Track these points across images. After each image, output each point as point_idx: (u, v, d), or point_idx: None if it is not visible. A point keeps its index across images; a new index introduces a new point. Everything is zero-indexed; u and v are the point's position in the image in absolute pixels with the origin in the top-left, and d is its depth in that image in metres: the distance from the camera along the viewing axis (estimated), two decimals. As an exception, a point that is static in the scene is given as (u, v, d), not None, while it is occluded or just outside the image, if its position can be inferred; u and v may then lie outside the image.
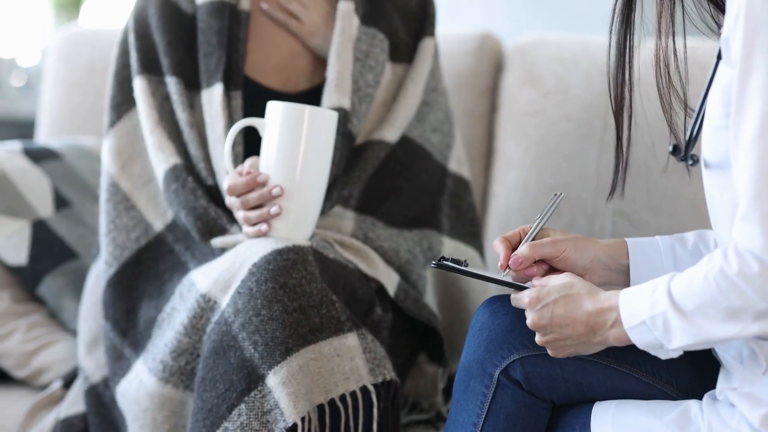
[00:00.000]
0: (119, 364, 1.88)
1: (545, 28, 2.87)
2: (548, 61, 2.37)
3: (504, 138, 2.40)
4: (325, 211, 1.88)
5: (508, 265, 1.51)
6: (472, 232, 2.06)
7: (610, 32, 1.52)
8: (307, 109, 1.76)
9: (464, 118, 2.42)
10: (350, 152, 1.92)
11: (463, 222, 2.06)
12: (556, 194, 1.61)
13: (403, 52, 2.03)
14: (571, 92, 2.32)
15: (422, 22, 2.05)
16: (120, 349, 1.88)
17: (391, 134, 1.96)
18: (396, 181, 1.98)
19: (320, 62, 1.99)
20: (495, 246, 1.55)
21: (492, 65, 2.46)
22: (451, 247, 2.00)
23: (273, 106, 1.77)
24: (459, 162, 2.08)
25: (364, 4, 1.99)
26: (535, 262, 1.53)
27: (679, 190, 2.23)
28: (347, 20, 1.95)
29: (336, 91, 1.90)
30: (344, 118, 1.89)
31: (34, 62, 4.12)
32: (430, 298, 1.95)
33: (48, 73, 2.72)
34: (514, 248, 1.53)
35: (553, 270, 1.55)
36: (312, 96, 1.93)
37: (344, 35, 1.94)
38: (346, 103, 1.90)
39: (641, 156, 2.20)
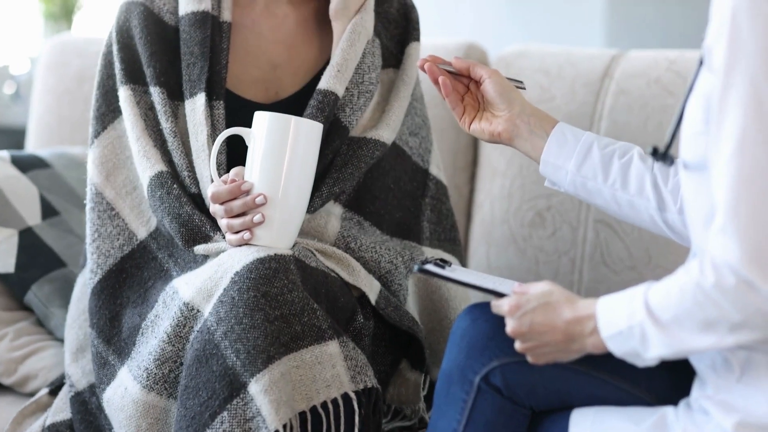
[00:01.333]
0: (105, 371, 1.89)
1: (531, 40, 2.89)
2: (532, 72, 2.39)
3: (489, 147, 2.42)
4: (316, 208, 1.89)
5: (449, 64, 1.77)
6: (451, 238, 2.08)
7: None
8: (293, 119, 1.78)
9: (449, 128, 2.43)
10: (341, 143, 1.93)
11: (443, 227, 2.07)
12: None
13: (387, 57, 2.04)
14: (554, 103, 2.34)
15: (405, 29, 2.06)
16: (105, 357, 1.89)
17: (387, 134, 1.97)
18: (384, 182, 1.99)
19: (301, 71, 2.00)
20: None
21: (477, 75, 2.48)
22: (433, 256, 2.01)
23: (259, 116, 1.79)
24: (438, 167, 2.10)
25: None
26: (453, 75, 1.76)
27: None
28: (368, 15, 1.97)
29: (336, 76, 1.91)
30: (333, 104, 1.90)
31: (25, 71, 4.14)
32: (412, 306, 1.96)
33: (37, 82, 2.73)
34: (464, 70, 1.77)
35: (472, 95, 1.76)
36: (289, 105, 1.95)
37: (363, 26, 1.96)
38: (339, 90, 1.91)
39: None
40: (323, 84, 1.91)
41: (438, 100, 2.36)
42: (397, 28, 2.06)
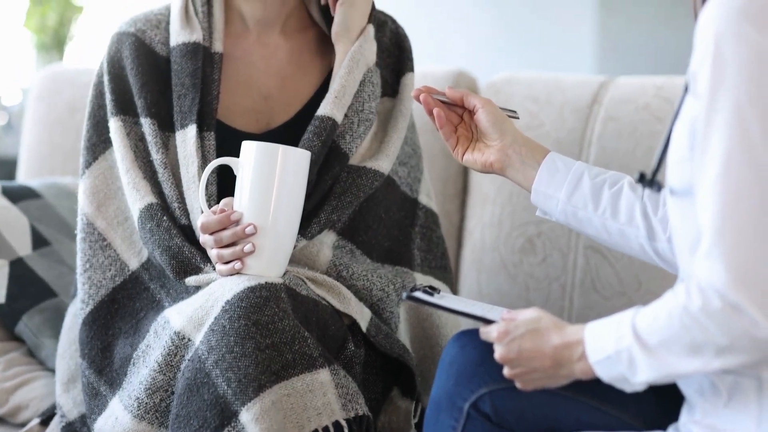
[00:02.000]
0: (96, 401, 1.89)
1: (523, 67, 2.91)
2: (521, 99, 2.40)
3: (479, 175, 2.43)
4: (313, 235, 1.90)
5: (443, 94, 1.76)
6: (442, 266, 2.09)
7: None
8: (281, 148, 1.78)
9: (440, 155, 2.44)
10: (340, 169, 1.94)
11: (433, 254, 2.08)
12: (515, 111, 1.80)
13: (383, 86, 2.05)
14: (543, 129, 2.35)
15: (399, 58, 2.07)
16: (96, 387, 1.89)
17: (386, 165, 1.98)
18: (377, 211, 2.00)
19: (292, 102, 2.01)
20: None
21: (467, 103, 2.48)
22: (423, 282, 2.02)
23: (247, 146, 1.80)
24: (428, 195, 2.11)
25: None
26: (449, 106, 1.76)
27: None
28: (369, 44, 1.98)
29: (334, 103, 1.92)
30: (331, 130, 1.91)
31: (17, 102, 4.15)
32: (403, 334, 1.96)
33: (29, 113, 2.73)
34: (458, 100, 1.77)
35: (464, 124, 1.76)
36: (279, 134, 1.96)
37: (362, 54, 1.97)
38: (338, 117, 1.92)
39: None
40: (321, 110, 1.92)
41: (428, 127, 2.37)
42: (390, 57, 2.07)
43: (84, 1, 4.33)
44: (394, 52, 2.08)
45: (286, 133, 1.96)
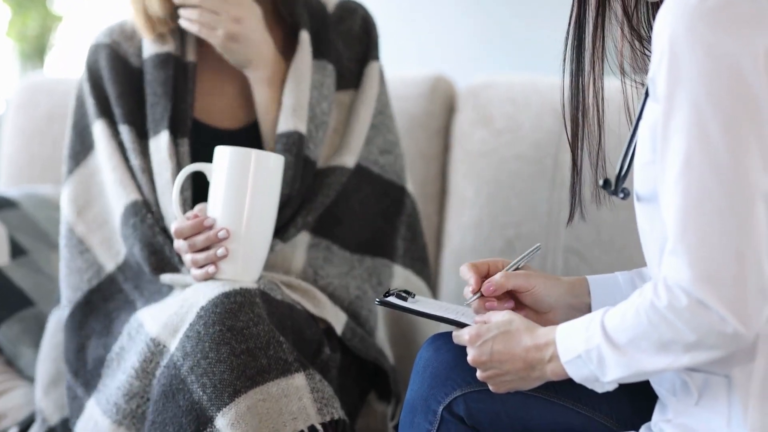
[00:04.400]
0: (74, 404, 1.90)
1: (504, 70, 2.91)
2: (499, 102, 2.41)
3: (458, 177, 2.43)
4: (289, 237, 1.91)
5: (479, 290, 1.55)
6: (422, 258, 2.10)
7: (564, 71, 1.56)
8: (254, 153, 1.79)
9: (418, 158, 2.44)
10: (310, 178, 1.95)
11: (417, 245, 2.09)
12: (537, 246, 1.66)
13: (349, 78, 2.06)
14: (521, 131, 2.35)
15: (366, 46, 2.09)
16: (74, 389, 1.90)
17: (349, 159, 1.99)
18: (348, 204, 2.01)
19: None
20: (463, 272, 1.58)
21: (444, 106, 2.49)
22: (402, 279, 2.02)
23: (220, 151, 1.80)
24: (411, 185, 2.12)
25: (312, 36, 2.02)
26: (504, 294, 1.57)
27: (628, 225, 2.26)
28: (306, 50, 1.99)
29: (293, 116, 1.93)
30: (300, 142, 1.92)
31: (0, 111, 4.14)
32: (383, 333, 1.97)
33: (8, 122, 2.73)
34: (482, 277, 1.57)
35: (518, 306, 1.58)
36: (257, 129, 1.97)
37: (303, 63, 1.97)
38: (302, 128, 1.93)
39: (589, 193, 2.23)
40: (283, 126, 1.93)
41: (404, 132, 2.37)
42: (360, 45, 2.08)
43: (64, 10, 4.33)
44: (363, 40, 2.09)
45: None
